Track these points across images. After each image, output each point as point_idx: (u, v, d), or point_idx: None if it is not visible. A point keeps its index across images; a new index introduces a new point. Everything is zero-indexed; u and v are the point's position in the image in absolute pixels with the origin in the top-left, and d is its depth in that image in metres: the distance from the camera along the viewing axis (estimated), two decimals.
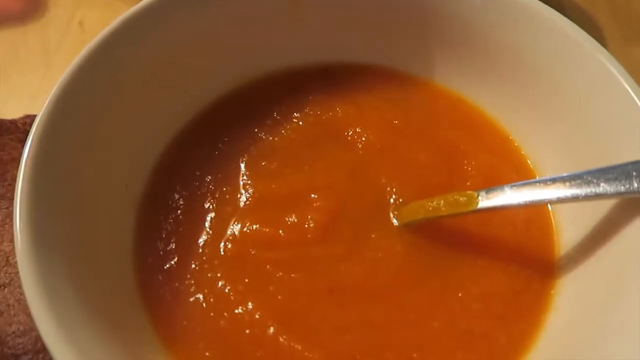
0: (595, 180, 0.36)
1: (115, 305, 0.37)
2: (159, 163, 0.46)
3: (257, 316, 0.39)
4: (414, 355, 0.38)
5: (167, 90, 0.47)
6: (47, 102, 0.37)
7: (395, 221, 0.43)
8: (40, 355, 0.38)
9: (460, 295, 0.40)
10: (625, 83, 0.39)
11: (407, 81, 0.52)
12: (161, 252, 0.42)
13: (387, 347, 0.38)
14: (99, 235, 0.39)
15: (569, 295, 0.40)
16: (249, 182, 0.45)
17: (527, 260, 0.42)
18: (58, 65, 0.67)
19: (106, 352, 0.33)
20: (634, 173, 0.34)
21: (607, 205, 0.39)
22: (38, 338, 0.38)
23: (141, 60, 0.44)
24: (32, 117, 0.50)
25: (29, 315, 0.37)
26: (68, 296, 0.33)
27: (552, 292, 0.41)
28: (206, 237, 0.43)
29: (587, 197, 0.36)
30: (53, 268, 0.33)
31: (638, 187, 0.34)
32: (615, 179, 0.35)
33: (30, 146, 0.36)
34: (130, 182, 0.44)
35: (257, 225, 0.42)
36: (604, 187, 0.35)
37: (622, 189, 0.35)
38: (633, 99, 0.38)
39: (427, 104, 0.50)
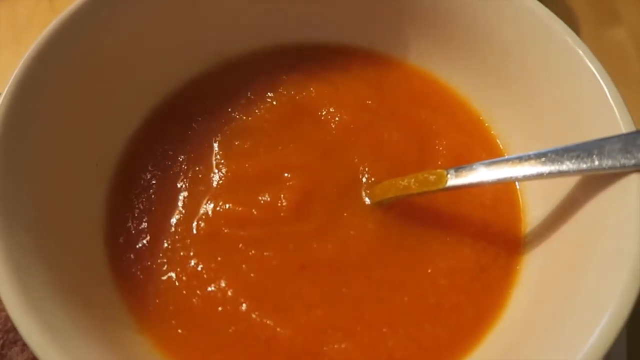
0: (559, 158, 0.37)
1: (87, 284, 0.37)
2: (130, 141, 0.46)
3: (229, 293, 0.39)
4: (385, 329, 0.39)
5: (140, 68, 0.46)
6: (12, 78, 0.36)
7: (367, 200, 0.44)
8: (11, 335, 0.38)
9: (429, 271, 0.41)
10: (591, 65, 0.40)
11: (381, 61, 0.52)
12: (133, 231, 0.42)
13: (358, 321, 0.39)
14: (68, 214, 0.39)
15: (533, 270, 0.41)
16: (222, 161, 0.45)
17: (494, 237, 0.43)
18: (27, 43, 0.65)
19: (77, 331, 0.33)
20: (595, 151, 0.35)
21: (571, 183, 0.40)
22: (8, 317, 0.38)
23: (112, 36, 0.44)
24: None
25: None
26: (37, 274, 0.32)
27: (517, 267, 0.42)
28: (179, 216, 0.43)
29: (551, 174, 0.37)
30: (21, 246, 0.32)
31: (599, 164, 0.35)
32: (578, 156, 0.36)
33: None
34: (100, 161, 0.43)
35: (230, 204, 0.43)
36: (567, 165, 0.36)
37: (584, 166, 0.36)
38: (597, 80, 0.39)
39: (401, 84, 0.51)
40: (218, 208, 0.43)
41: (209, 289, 0.39)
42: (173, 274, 0.40)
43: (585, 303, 0.33)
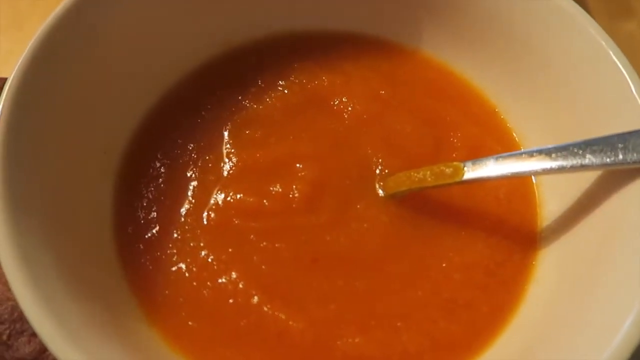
0: (581, 152, 0.36)
1: (96, 275, 0.36)
2: (139, 130, 0.45)
3: (240, 285, 0.38)
4: (398, 324, 0.38)
5: (149, 55, 0.45)
6: (18, 64, 0.35)
7: (380, 192, 0.43)
8: (18, 325, 0.37)
9: (443, 265, 0.40)
10: (614, 56, 0.39)
11: (395, 51, 0.51)
12: (142, 221, 0.41)
13: (371, 316, 0.38)
14: (76, 204, 0.38)
15: (550, 266, 0.40)
16: (233, 150, 0.44)
17: (509, 231, 0.43)
18: (29, 29, 0.64)
19: (86, 321, 0.32)
20: (619, 145, 0.35)
21: (590, 177, 0.40)
22: (14, 307, 0.37)
23: (120, 23, 0.42)
24: (3, 80, 0.48)
25: (4, 284, 0.37)
26: (46, 263, 0.32)
27: (533, 263, 0.41)
28: (188, 206, 0.42)
29: (573, 168, 0.36)
30: (30, 235, 0.32)
31: (623, 158, 0.34)
32: (601, 150, 0.35)
33: (2, 110, 0.34)
34: (109, 149, 0.42)
35: (241, 195, 0.42)
36: (589, 159, 0.35)
37: (608, 160, 0.35)
38: (621, 72, 0.38)
39: (415, 74, 0.50)
40: (229, 198, 0.42)
41: (220, 280, 0.39)
42: (183, 265, 0.39)
43: (606, 303, 0.33)
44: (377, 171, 0.44)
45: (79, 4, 0.39)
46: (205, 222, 0.41)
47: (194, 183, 0.43)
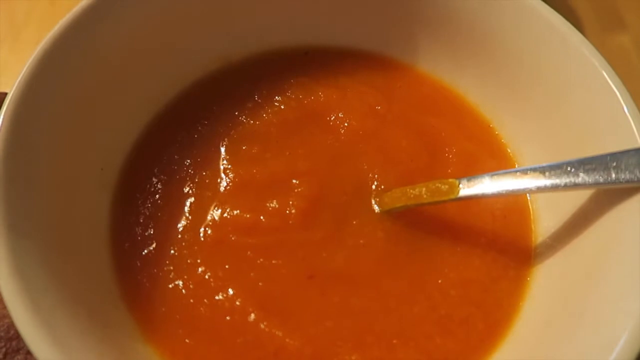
0: (574, 171, 0.36)
1: (92, 292, 0.36)
2: (136, 146, 0.45)
3: (237, 303, 0.38)
4: (394, 341, 0.38)
5: (145, 71, 0.45)
6: (18, 80, 0.35)
7: (376, 208, 0.43)
8: (14, 343, 0.37)
9: (439, 281, 0.41)
10: (607, 75, 0.39)
11: (391, 66, 0.51)
12: (139, 238, 0.41)
13: (367, 333, 0.38)
14: (73, 221, 0.38)
15: (544, 282, 0.41)
16: (229, 166, 0.45)
17: (504, 247, 0.43)
18: (26, 39, 0.64)
19: (82, 339, 0.32)
20: (613, 164, 0.35)
21: (584, 195, 0.40)
22: (11, 325, 0.37)
23: (118, 39, 0.43)
24: (3, 95, 0.48)
25: (0, 301, 0.36)
26: (42, 282, 0.32)
27: (528, 279, 0.42)
28: (185, 223, 0.42)
29: (566, 187, 0.36)
30: (27, 253, 0.32)
31: (616, 177, 0.35)
32: (594, 169, 0.35)
33: (1, 126, 0.34)
34: (106, 165, 0.42)
35: (238, 211, 0.42)
36: (583, 178, 0.36)
37: (601, 179, 0.35)
38: (613, 91, 0.39)
39: (410, 89, 0.50)
40: (225, 214, 0.42)
41: (217, 297, 0.39)
42: (180, 282, 0.39)
43: (601, 320, 0.33)
44: (373, 187, 0.44)
45: (77, 21, 0.39)
46: (202, 239, 0.41)
47: (191, 199, 0.43)
